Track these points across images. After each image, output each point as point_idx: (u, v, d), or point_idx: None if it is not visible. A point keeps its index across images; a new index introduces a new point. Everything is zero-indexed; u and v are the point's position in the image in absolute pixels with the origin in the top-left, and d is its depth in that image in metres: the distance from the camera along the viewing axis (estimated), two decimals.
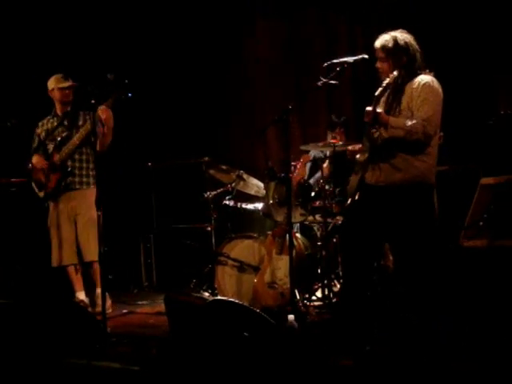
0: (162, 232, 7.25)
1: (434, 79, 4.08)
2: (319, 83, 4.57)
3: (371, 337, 4.10)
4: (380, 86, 4.11)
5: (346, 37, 7.40)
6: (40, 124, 5.85)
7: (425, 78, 4.06)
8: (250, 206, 6.01)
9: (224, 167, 6.00)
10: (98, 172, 5.04)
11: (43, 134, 5.79)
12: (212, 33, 7.64)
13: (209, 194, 6.07)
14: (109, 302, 5.67)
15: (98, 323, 4.40)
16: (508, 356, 3.61)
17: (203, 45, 7.64)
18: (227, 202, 6.10)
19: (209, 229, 6.08)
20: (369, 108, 4.02)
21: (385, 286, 4.93)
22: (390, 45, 4.10)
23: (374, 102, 4.03)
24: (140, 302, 6.22)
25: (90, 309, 5.55)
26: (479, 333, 3.89)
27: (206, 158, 6.01)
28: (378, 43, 4.15)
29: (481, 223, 4.75)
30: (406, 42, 4.10)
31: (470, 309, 4.15)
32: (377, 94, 4.05)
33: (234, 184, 6.04)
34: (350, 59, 4.56)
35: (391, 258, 5.07)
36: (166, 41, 7.54)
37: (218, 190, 6.18)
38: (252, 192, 6.15)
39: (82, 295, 5.73)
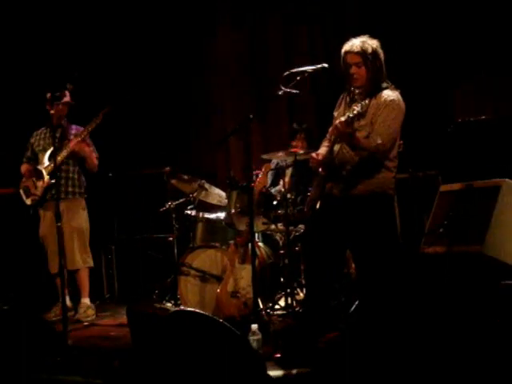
0: (124, 243, 7.19)
1: (399, 96, 4.10)
2: (280, 92, 4.58)
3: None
4: (351, 95, 4.13)
5: (306, 46, 7.43)
6: (34, 134, 6.11)
7: (391, 95, 4.07)
8: (212, 216, 5.99)
9: (186, 177, 5.98)
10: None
11: (36, 143, 6.03)
12: (172, 43, 7.64)
13: (170, 204, 6.04)
14: (92, 312, 5.98)
15: (59, 336, 4.34)
16: (467, 360, 3.65)
17: (163, 54, 7.62)
18: (189, 212, 6.08)
19: (171, 239, 6.04)
20: (340, 123, 3.94)
21: (347, 294, 4.96)
22: (370, 49, 4.06)
23: (348, 119, 3.92)
24: (102, 314, 6.15)
25: (72, 313, 5.82)
26: (439, 338, 3.93)
27: (168, 168, 5.97)
28: (354, 47, 4.07)
29: (441, 230, 4.81)
30: (377, 47, 4.11)
31: (430, 314, 4.19)
32: (351, 116, 3.92)
33: (195, 194, 6.02)
34: (310, 68, 4.58)
35: (353, 265, 5.10)
36: (126, 51, 7.50)
37: (180, 200, 6.15)
38: (214, 201, 6.14)
39: (67, 300, 5.81)
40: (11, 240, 6.67)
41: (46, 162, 5.87)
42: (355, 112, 3.89)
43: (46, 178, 5.78)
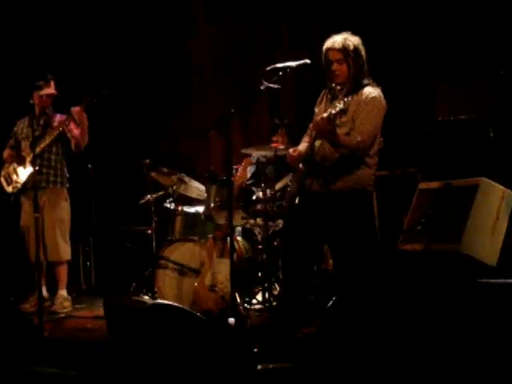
0: (102, 235, 7.16)
1: (380, 93, 4.10)
2: (262, 87, 4.57)
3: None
4: (332, 92, 4.14)
5: (288, 41, 7.44)
6: (18, 123, 6.05)
7: (373, 92, 4.07)
8: (191, 209, 5.99)
9: (165, 170, 5.97)
10: None
11: (19, 131, 5.98)
12: (154, 37, 7.63)
13: (150, 197, 6.02)
14: (69, 303, 5.97)
15: (35, 327, 4.32)
16: (444, 356, 3.68)
17: (145, 46, 7.61)
18: (168, 205, 6.07)
19: (149, 232, 6.03)
20: (321, 119, 3.94)
21: (325, 289, 4.98)
22: (351, 46, 4.05)
23: (330, 115, 3.88)
24: (78, 306, 6.12)
25: (48, 303, 5.80)
26: (416, 334, 3.95)
27: (147, 161, 5.96)
28: (336, 44, 4.06)
29: (419, 227, 4.83)
30: (359, 44, 4.11)
31: (407, 311, 4.21)
32: (333, 112, 3.88)
33: (175, 187, 6.01)
34: (293, 64, 4.57)
35: (331, 261, 5.12)
36: (109, 43, 7.48)
37: (159, 193, 6.14)
38: (193, 195, 6.13)
39: (43, 291, 5.80)
40: None
41: (27, 149, 5.80)
42: (337, 109, 3.89)
43: (28, 165, 5.73)
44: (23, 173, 5.78)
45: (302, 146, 4.29)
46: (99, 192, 7.21)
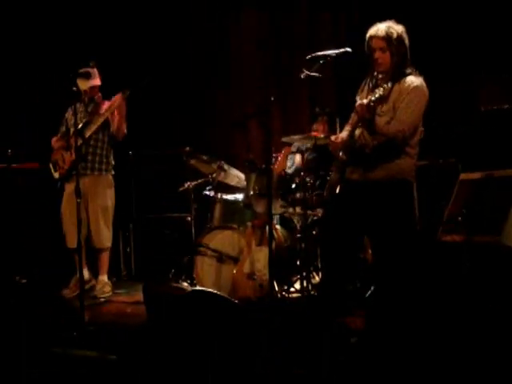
0: (142, 221, 7.22)
1: (423, 83, 4.05)
2: (302, 75, 4.56)
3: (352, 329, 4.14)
4: (374, 81, 4.10)
5: (330, 30, 7.39)
6: (69, 109, 6.04)
7: (415, 81, 4.03)
8: (231, 197, 6.01)
9: (205, 157, 5.99)
10: None
11: (69, 117, 5.99)
12: (195, 27, 7.66)
13: (189, 184, 6.05)
14: (109, 288, 6.05)
15: (76, 311, 4.39)
16: (483, 348, 3.65)
17: (184, 34, 7.63)
18: (207, 193, 6.09)
19: (189, 219, 6.06)
20: (363, 104, 3.91)
21: (363, 279, 4.96)
22: (395, 35, 4.00)
23: (369, 102, 3.89)
24: (118, 291, 6.19)
25: (90, 284, 5.90)
26: (456, 327, 3.92)
27: (187, 148, 5.98)
28: (379, 32, 4.02)
29: (459, 218, 4.78)
30: (403, 32, 4.07)
31: (446, 303, 4.18)
32: (373, 99, 3.89)
33: (214, 174, 6.03)
34: (333, 52, 4.55)
35: (370, 251, 5.09)
36: (146, 33, 7.51)
37: (199, 181, 6.17)
38: (233, 183, 6.14)
39: (85, 272, 5.92)
40: (38, 214, 6.70)
41: (74, 135, 5.82)
42: (377, 96, 3.86)
43: (74, 151, 5.79)
44: (69, 159, 5.85)
45: (343, 134, 4.26)
46: (139, 179, 7.26)
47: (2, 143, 6.44)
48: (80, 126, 5.77)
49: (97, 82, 5.96)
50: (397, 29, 4.04)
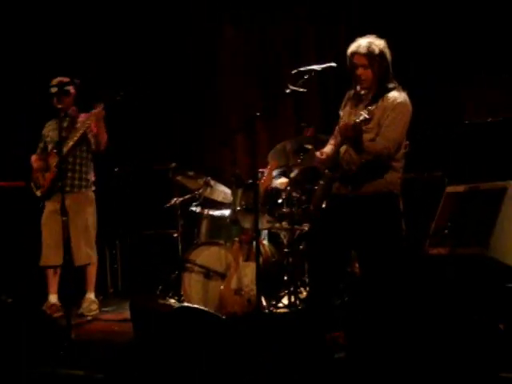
0: (128, 238, 7.20)
1: (406, 98, 4.06)
2: (287, 90, 4.57)
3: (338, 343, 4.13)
4: (357, 96, 4.12)
5: (314, 45, 7.42)
6: (46, 125, 6.06)
7: (399, 97, 4.03)
8: (217, 213, 6.00)
9: (191, 173, 5.99)
10: None
11: (46, 134, 6.00)
12: (180, 41, 7.67)
13: (176, 200, 6.04)
14: (96, 307, 5.97)
15: (62, 330, 4.35)
16: (469, 361, 3.65)
17: (170, 48, 7.64)
18: (194, 209, 6.08)
19: (175, 235, 6.05)
20: (350, 125, 3.89)
21: (351, 293, 4.96)
22: (377, 51, 4.00)
23: (355, 124, 3.85)
24: (105, 309, 6.16)
25: (59, 313, 5.63)
26: (443, 339, 3.92)
27: (173, 164, 5.98)
28: (361, 49, 4.01)
29: (445, 231, 4.80)
30: (384, 47, 4.07)
31: (434, 316, 4.18)
32: (358, 121, 3.84)
33: (201, 190, 6.03)
34: (318, 67, 4.56)
35: (357, 264, 5.09)
36: (136, 45, 7.52)
37: (185, 197, 6.16)
38: (219, 198, 6.14)
39: (54, 298, 5.88)
40: (20, 233, 6.66)
41: (53, 152, 5.84)
42: (361, 118, 3.86)
43: (53, 169, 5.77)
44: (49, 177, 5.82)
45: (327, 149, 4.27)
46: (125, 195, 7.24)
47: None
48: (56, 141, 5.71)
49: (71, 91, 5.86)
50: (378, 44, 4.05)
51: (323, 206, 4.14)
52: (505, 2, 6.10)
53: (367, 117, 3.86)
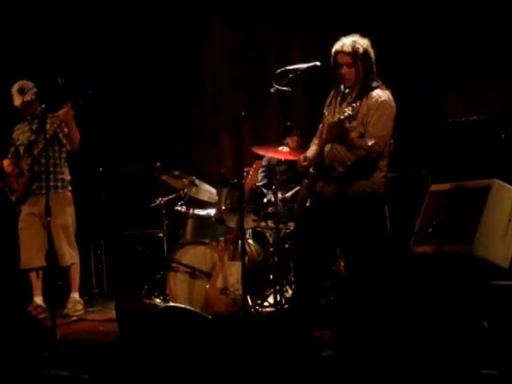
0: (114, 238, 7.18)
1: (390, 96, 4.08)
2: (272, 90, 4.57)
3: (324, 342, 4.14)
4: (341, 95, 4.12)
5: (300, 45, 7.44)
6: (15, 128, 6.00)
7: (382, 95, 4.05)
8: (203, 212, 5.99)
9: (176, 173, 5.97)
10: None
11: (16, 138, 5.95)
12: (165, 42, 7.65)
13: (161, 200, 6.03)
14: (81, 307, 5.95)
15: (47, 331, 4.33)
16: (456, 358, 3.67)
17: (157, 47, 7.63)
18: (179, 208, 6.07)
19: (161, 235, 6.03)
20: (334, 122, 3.92)
21: (336, 292, 4.97)
22: (361, 49, 4.02)
23: (339, 121, 3.89)
24: (90, 309, 6.14)
25: (44, 314, 5.60)
26: (428, 337, 3.94)
27: (158, 164, 5.96)
28: (345, 48, 4.03)
29: (430, 229, 4.81)
30: (368, 46, 4.09)
31: (419, 314, 4.20)
32: (342, 118, 3.87)
33: (186, 190, 6.01)
34: (303, 66, 4.56)
35: (342, 263, 5.10)
36: (122, 44, 7.50)
37: (170, 196, 6.15)
38: (204, 198, 6.13)
39: (39, 300, 5.86)
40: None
41: (24, 155, 5.81)
42: (346, 115, 3.88)
43: (27, 173, 5.72)
44: (22, 181, 5.77)
45: (311, 151, 4.28)
46: (111, 195, 7.22)
47: None
48: (27, 144, 5.73)
49: (27, 98, 5.79)
50: (362, 43, 4.07)
51: (307, 204, 4.14)
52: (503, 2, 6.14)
53: (351, 113, 3.87)
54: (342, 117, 3.88)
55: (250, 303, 5.15)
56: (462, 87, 6.23)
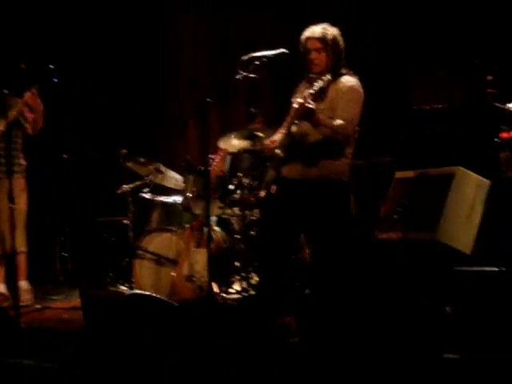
0: (78, 225, 7.12)
1: (358, 82, 4.12)
2: (238, 77, 4.56)
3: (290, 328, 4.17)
4: (310, 82, 4.12)
5: (268, 33, 7.42)
6: None
7: (351, 81, 4.10)
8: (169, 199, 5.97)
9: (141, 160, 5.94)
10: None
11: None
12: (132, 28, 7.59)
13: (126, 187, 5.99)
14: (29, 295, 5.80)
15: (11, 319, 4.29)
16: (419, 346, 3.72)
17: (121, 33, 7.56)
18: (145, 195, 6.04)
19: (126, 222, 6.00)
20: (301, 100, 3.91)
21: (301, 278, 4.99)
22: (330, 36, 4.08)
23: (305, 97, 3.90)
24: (55, 297, 6.09)
25: (8, 302, 5.49)
26: (393, 325, 3.98)
27: (124, 151, 5.92)
28: (315, 33, 4.09)
29: (395, 216, 4.85)
30: (338, 34, 4.14)
31: (384, 300, 4.24)
32: (312, 92, 3.91)
33: (151, 177, 5.99)
34: (270, 53, 4.56)
35: (307, 250, 5.13)
36: (90, 30, 7.42)
37: (136, 183, 6.11)
38: (170, 185, 6.11)
39: (1, 288, 5.77)
40: None
41: None
42: (315, 88, 3.90)
43: None
44: None
45: (277, 137, 4.27)
46: (75, 182, 7.15)
47: None
48: None
49: None
50: (332, 30, 4.11)
51: (272, 190, 4.15)
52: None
53: (322, 85, 3.89)
54: (312, 91, 3.90)
55: (216, 290, 5.16)
56: (424, 76, 6.27)
